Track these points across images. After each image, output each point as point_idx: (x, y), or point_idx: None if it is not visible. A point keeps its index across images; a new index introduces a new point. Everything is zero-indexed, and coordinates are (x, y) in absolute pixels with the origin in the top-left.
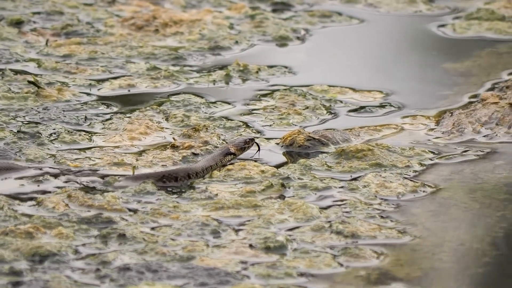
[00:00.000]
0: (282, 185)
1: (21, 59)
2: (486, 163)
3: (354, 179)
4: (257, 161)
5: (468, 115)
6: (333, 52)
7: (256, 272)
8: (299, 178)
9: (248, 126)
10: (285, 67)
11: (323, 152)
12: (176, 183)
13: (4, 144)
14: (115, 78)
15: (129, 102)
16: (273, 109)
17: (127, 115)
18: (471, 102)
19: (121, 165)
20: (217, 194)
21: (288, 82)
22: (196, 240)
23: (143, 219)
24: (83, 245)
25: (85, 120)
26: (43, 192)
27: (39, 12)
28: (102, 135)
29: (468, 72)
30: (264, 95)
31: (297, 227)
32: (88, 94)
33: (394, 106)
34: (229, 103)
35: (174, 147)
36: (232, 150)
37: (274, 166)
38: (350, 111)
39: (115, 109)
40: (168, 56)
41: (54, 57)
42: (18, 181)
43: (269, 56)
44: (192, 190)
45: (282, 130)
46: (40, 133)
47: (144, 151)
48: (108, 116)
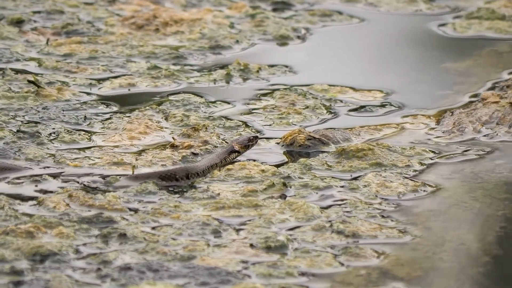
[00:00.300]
0: (284, 185)
1: (22, 58)
2: (487, 163)
3: (355, 179)
4: (256, 161)
5: (469, 115)
6: (334, 51)
7: (257, 272)
8: (300, 177)
9: (248, 126)
10: (286, 66)
11: (324, 152)
12: (180, 182)
13: (4, 144)
14: (116, 77)
15: (129, 102)
16: (273, 109)
17: (127, 115)
18: (472, 102)
19: (121, 165)
20: (219, 194)
21: (289, 82)
22: (197, 240)
23: (144, 219)
24: (84, 245)
25: (85, 120)
26: (44, 192)
27: (40, 11)
28: (102, 135)
29: (469, 72)
30: (264, 95)
31: (298, 227)
32: (88, 94)
33: (395, 106)
34: (229, 103)
35: (174, 147)
36: (236, 148)
37: (275, 166)
38: (351, 111)
39: (115, 109)
40: (169, 55)
41: (55, 56)
42: (19, 181)
43: (270, 55)
44: (194, 190)
45: (282, 130)
46: (40, 133)
47: (144, 151)
48: (108, 116)
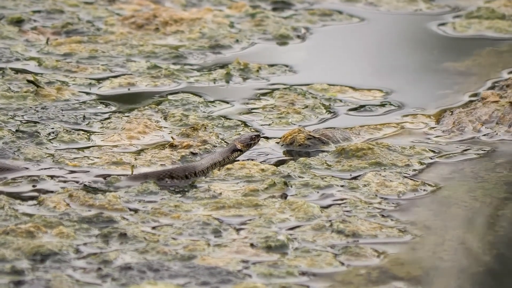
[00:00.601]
0: (285, 184)
1: (22, 58)
2: (487, 162)
3: (354, 178)
4: (255, 160)
5: (469, 114)
6: (334, 51)
7: (258, 271)
8: (300, 177)
9: (247, 125)
10: (286, 66)
11: (323, 151)
12: (183, 181)
13: (3, 144)
14: (116, 77)
15: (128, 101)
16: (273, 108)
17: (126, 114)
18: (472, 101)
19: (120, 164)
20: (221, 193)
21: (289, 81)
22: (198, 239)
23: (144, 219)
24: (84, 245)
25: (84, 119)
26: (45, 192)
27: (40, 11)
28: (101, 134)
29: (468, 71)
30: (264, 94)
31: (298, 226)
32: (88, 93)
33: (394, 105)
34: (228, 102)
35: (173, 146)
36: (239, 147)
37: (274, 165)
38: (350, 110)
39: (114, 108)
40: (169, 55)
41: (55, 56)
42: (19, 180)
43: (270, 55)
44: (195, 189)
45: (281, 129)
46: (39, 132)
47: (143, 150)
48: (107, 115)
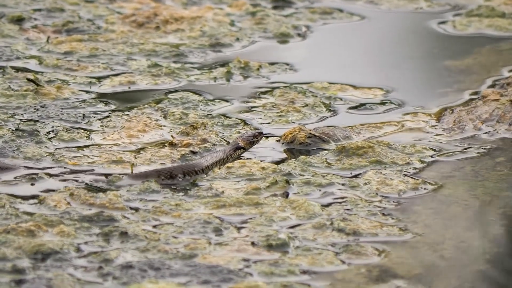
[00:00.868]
0: (287, 182)
1: (22, 56)
2: (487, 160)
3: (355, 176)
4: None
5: (469, 112)
6: (334, 49)
7: (259, 270)
8: (301, 175)
9: (247, 124)
10: (286, 64)
11: (324, 149)
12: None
13: (3, 142)
14: (116, 75)
15: (128, 100)
16: (273, 107)
17: (125, 113)
18: (472, 99)
19: (120, 163)
20: (223, 192)
21: (289, 79)
22: (198, 238)
23: (145, 217)
24: (85, 243)
25: (83, 118)
26: (46, 190)
27: (40, 9)
28: (100, 133)
29: (469, 69)
30: (264, 93)
31: (299, 225)
32: (88, 92)
33: (395, 103)
34: (228, 101)
35: (173, 145)
36: (242, 145)
37: (274, 163)
38: (351, 109)
39: (113, 107)
40: (169, 53)
41: (55, 54)
42: (19, 179)
43: (270, 53)
44: (198, 188)
45: (281, 128)
46: (38, 131)
47: (143, 149)
48: (106, 114)
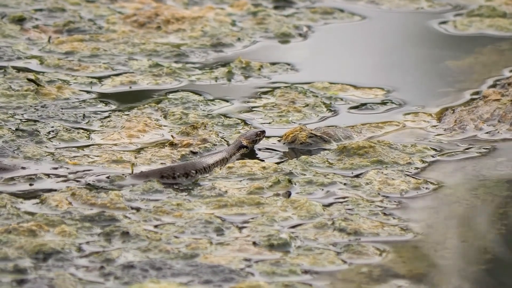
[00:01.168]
0: (289, 181)
1: (23, 57)
2: (488, 160)
3: (356, 176)
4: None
5: (470, 112)
6: (335, 49)
7: (261, 270)
8: (302, 174)
9: (247, 124)
10: (288, 64)
11: (325, 149)
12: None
13: (3, 142)
14: (117, 75)
15: (129, 100)
16: (273, 107)
17: (126, 113)
18: (473, 99)
19: (120, 163)
20: (227, 191)
21: (290, 79)
22: (200, 238)
23: (146, 217)
24: (87, 243)
25: (83, 118)
26: (47, 190)
27: (41, 9)
28: (101, 133)
29: (470, 69)
30: (265, 93)
31: (300, 224)
32: (88, 92)
33: (396, 103)
34: (228, 101)
35: (173, 145)
36: (245, 143)
37: (275, 163)
38: (351, 108)
39: (114, 107)
40: (170, 53)
41: (57, 54)
42: (17, 179)
43: (271, 53)
44: (201, 188)
45: (281, 128)
46: (39, 131)
47: (143, 149)
48: (107, 114)
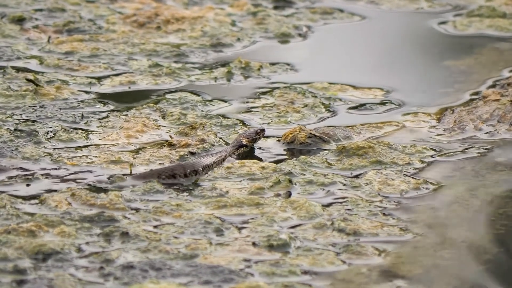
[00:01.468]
0: (290, 181)
1: (23, 56)
2: (488, 160)
3: (356, 177)
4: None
5: (470, 112)
6: (335, 49)
7: (260, 270)
8: (302, 174)
9: (245, 124)
10: (287, 64)
11: (324, 150)
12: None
13: (1, 142)
14: (117, 75)
15: (128, 100)
16: (272, 107)
17: (124, 113)
18: (473, 99)
19: (118, 163)
20: (228, 192)
21: (290, 80)
22: (199, 238)
23: (146, 218)
24: (86, 244)
25: (82, 118)
26: (46, 191)
27: (41, 9)
28: (99, 133)
29: (469, 69)
30: (264, 93)
31: (300, 225)
32: (87, 92)
33: (395, 104)
34: (227, 101)
35: (171, 145)
36: (244, 142)
37: (274, 163)
38: (350, 109)
39: (112, 107)
40: (170, 53)
41: (56, 54)
42: (14, 180)
43: (271, 53)
44: (202, 188)
45: (280, 128)
46: (37, 131)
47: (141, 149)
48: (105, 114)
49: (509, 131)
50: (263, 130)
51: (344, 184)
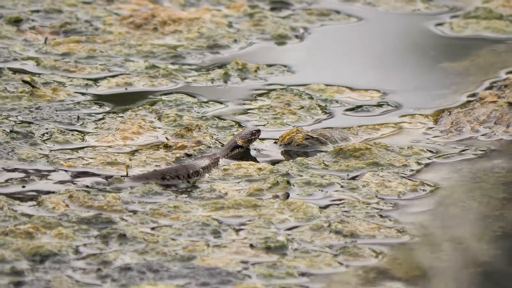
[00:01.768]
0: (288, 183)
1: (20, 58)
2: (485, 162)
3: (352, 178)
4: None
5: (467, 114)
6: (332, 51)
7: (257, 272)
8: (299, 175)
9: (241, 126)
10: (284, 66)
11: (321, 151)
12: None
13: None
14: (114, 77)
15: (124, 101)
16: (268, 109)
17: (120, 115)
18: (470, 101)
19: (115, 165)
20: (227, 193)
21: (286, 81)
22: (197, 240)
23: (143, 220)
24: (84, 245)
25: (78, 120)
26: (43, 192)
27: (38, 10)
28: (95, 135)
29: (466, 71)
30: (260, 95)
31: (297, 227)
32: (83, 94)
33: (392, 105)
34: (223, 103)
35: (167, 147)
36: (240, 143)
37: (271, 164)
38: (347, 110)
39: (108, 109)
40: (167, 55)
41: (53, 56)
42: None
43: (268, 55)
44: (200, 190)
45: (276, 130)
46: (33, 133)
47: (137, 151)
48: (101, 116)
49: (506, 133)
50: (259, 131)
51: (342, 186)
